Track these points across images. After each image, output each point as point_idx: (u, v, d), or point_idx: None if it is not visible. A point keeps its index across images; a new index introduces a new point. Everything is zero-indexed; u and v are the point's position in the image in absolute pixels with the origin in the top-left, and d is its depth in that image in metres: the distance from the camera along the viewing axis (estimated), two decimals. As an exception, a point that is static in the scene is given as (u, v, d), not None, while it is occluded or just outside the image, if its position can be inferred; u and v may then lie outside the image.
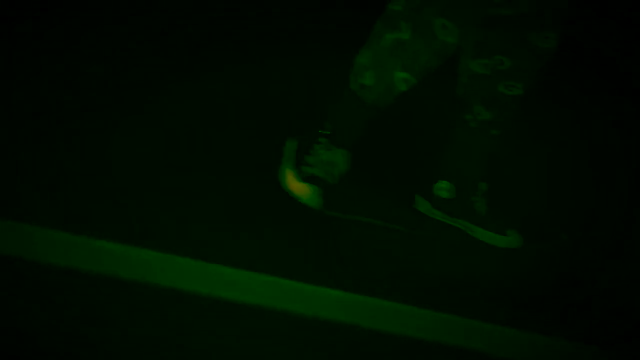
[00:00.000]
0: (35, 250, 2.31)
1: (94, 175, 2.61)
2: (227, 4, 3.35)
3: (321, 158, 2.65)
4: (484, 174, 2.73)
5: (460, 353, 2.30)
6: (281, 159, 2.70)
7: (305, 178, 2.65)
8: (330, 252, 2.55)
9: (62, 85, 2.90)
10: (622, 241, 2.80)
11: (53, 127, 2.74)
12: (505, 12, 2.53)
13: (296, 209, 2.65)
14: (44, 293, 2.19)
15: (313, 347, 2.22)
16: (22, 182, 2.54)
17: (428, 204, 2.76)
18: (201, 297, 2.28)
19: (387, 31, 2.53)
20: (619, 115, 3.26)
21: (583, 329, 2.44)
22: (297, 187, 2.66)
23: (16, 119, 2.75)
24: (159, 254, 2.38)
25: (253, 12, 3.34)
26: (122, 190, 2.58)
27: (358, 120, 2.63)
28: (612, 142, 3.15)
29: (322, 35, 3.30)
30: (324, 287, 2.39)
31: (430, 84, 2.67)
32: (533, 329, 2.41)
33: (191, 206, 2.59)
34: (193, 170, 2.72)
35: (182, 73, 3.06)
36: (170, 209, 2.55)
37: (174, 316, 2.22)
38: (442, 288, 2.50)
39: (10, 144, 2.65)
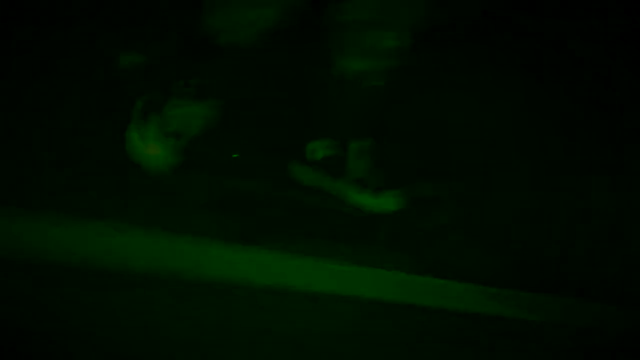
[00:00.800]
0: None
1: (92, 174, 2.62)
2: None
3: (178, 112, 2.44)
4: (362, 133, 2.59)
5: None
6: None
7: (159, 136, 2.43)
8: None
9: (61, 85, 2.90)
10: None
11: (53, 126, 2.74)
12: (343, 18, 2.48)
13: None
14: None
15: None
16: (21, 180, 2.55)
17: (303, 166, 2.61)
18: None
19: None
20: (617, 115, 3.26)
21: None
22: (148, 147, 2.43)
23: (16, 118, 2.76)
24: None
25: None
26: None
27: (219, 67, 2.44)
28: (611, 144, 3.15)
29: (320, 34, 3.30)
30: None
31: (298, 44, 2.54)
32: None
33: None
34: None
35: (181, 73, 3.07)
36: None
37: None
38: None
39: (10, 144, 2.66)
